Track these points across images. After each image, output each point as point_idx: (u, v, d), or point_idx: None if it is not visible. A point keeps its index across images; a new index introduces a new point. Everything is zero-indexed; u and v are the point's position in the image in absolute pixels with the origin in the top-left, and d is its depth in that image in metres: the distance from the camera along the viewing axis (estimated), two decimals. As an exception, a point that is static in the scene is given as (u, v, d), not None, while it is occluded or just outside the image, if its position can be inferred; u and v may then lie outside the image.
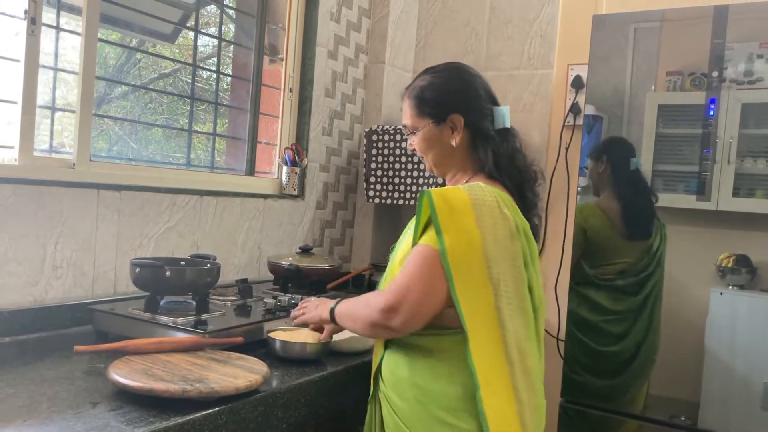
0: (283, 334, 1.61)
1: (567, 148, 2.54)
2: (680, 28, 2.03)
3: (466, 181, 1.42)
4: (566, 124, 2.55)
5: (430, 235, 1.28)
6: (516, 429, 1.26)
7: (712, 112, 1.94)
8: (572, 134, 2.53)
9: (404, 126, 1.51)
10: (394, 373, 1.37)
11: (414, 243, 1.32)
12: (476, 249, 1.24)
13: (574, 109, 2.51)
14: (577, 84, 2.50)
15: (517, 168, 1.43)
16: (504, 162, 1.41)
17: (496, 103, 1.47)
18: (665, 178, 2.04)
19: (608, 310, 2.10)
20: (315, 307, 1.56)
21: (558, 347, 2.49)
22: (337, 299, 1.49)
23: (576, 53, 2.52)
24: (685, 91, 2.00)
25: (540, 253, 2.62)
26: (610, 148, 2.11)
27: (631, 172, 2.09)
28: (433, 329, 1.31)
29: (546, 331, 2.54)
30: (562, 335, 2.42)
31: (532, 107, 2.67)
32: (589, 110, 2.14)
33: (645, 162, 2.04)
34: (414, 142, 1.49)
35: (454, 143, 1.43)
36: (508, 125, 1.46)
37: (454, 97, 1.44)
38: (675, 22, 2.03)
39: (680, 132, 2.05)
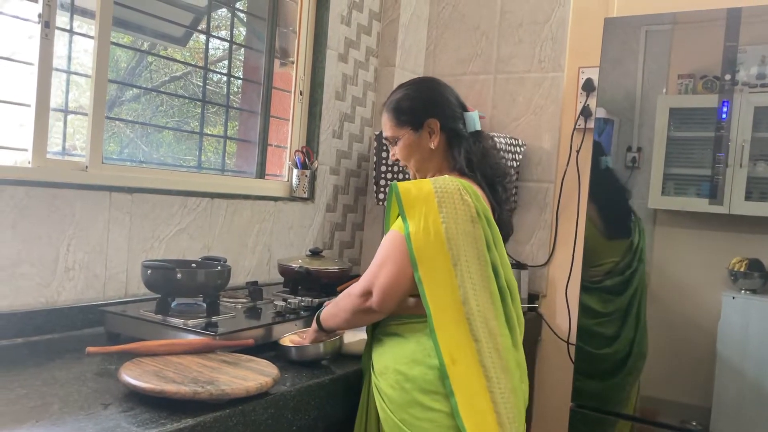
0: (292, 337, 1.62)
1: (578, 151, 2.53)
2: (692, 31, 2.02)
3: None
4: (577, 127, 2.54)
5: (398, 223, 1.41)
6: (486, 405, 1.31)
7: (724, 116, 1.93)
8: (583, 137, 2.52)
9: (385, 138, 1.63)
10: (380, 361, 1.46)
11: (385, 233, 1.45)
12: (437, 232, 1.35)
13: (585, 112, 2.50)
14: (588, 87, 2.49)
15: (489, 165, 1.56)
16: (477, 159, 1.54)
17: (465, 109, 1.61)
18: (677, 182, 2.03)
19: (599, 313, 2.10)
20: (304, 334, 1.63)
21: (569, 351, 2.48)
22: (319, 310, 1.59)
23: (587, 56, 2.51)
24: (696, 94, 1.99)
25: (552, 254, 2.61)
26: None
27: (602, 171, 2.09)
28: (409, 317, 1.43)
29: (555, 334, 2.55)
30: (573, 339, 2.41)
31: (543, 110, 2.66)
32: (600, 113, 2.13)
33: (656, 165, 2.03)
34: (396, 152, 1.61)
35: (432, 146, 1.55)
36: (478, 128, 1.59)
37: (428, 103, 1.57)
38: (686, 25, 2.02)
39: (692, 135, 2.04)
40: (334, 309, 1.52)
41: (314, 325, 1.57)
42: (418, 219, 1.36)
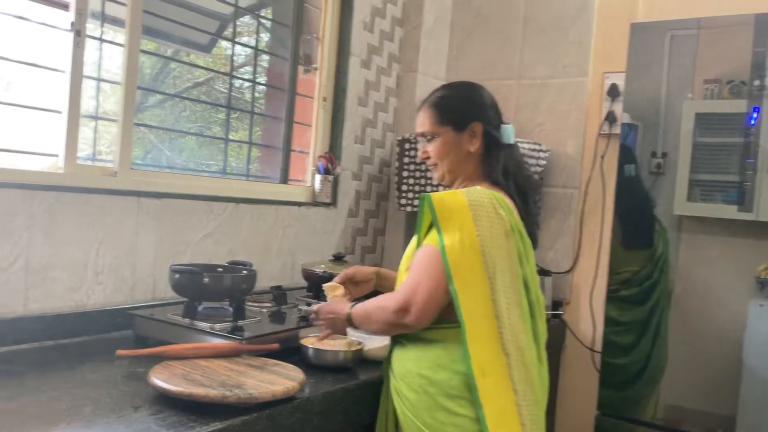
0: (315, 341, 1.63)
1: (602, 157, 2.51)
2: (718, 36, 2.00)
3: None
4: (601, 132, 2.52)
5: (432, 236, 1.40)
6: (513, 418, 1.32)
7: (753, 121, 1.91)
8: (608, 143, 2.50)
9: (421, 134, 1.59)
10: (402, 365, 1.46)
11: (418, 245, 1.44)
12: (473, 246, 1.34)
13: (610, 118, 2.49)
14: (613, 92, 2.47)
15: (523, 177, 1.56)
16: (512, 170, 1.54)
17: (502, 120, 1.60)
18: (703, 188, 2.02)
19: (615, 321, 2.08)
20: (333, 318, 1.58)
21: (593, 359, 2.46)
22: (351, 303, 1.55)
23: (612, 61, 2.50)
24: (722, 99, 1.97)
25: (576, 261, 2.60)
26: None
27: (626, 179, 2.07)
28: (437, 322, 1.40)
29: (580, 341, 2.53)
30: (597, 346, 2.39)
31: (567, 116, 2.65)
32: (624, 119, 2.12)
33: (682, 171, 2.01)
34: (430, 149, 1.57)
35: (472, 149, 1.53)
36: (512, 142, 1.58)
37: (475, 106, 1.56)
38: (712, 30, 2.00)
39: (719, 141, 2.02)
40: (368, 316, 1.49)
41: (344, 317, 1.54)
42: (453, 232, 1.35)
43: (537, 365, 1.41)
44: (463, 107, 1.56)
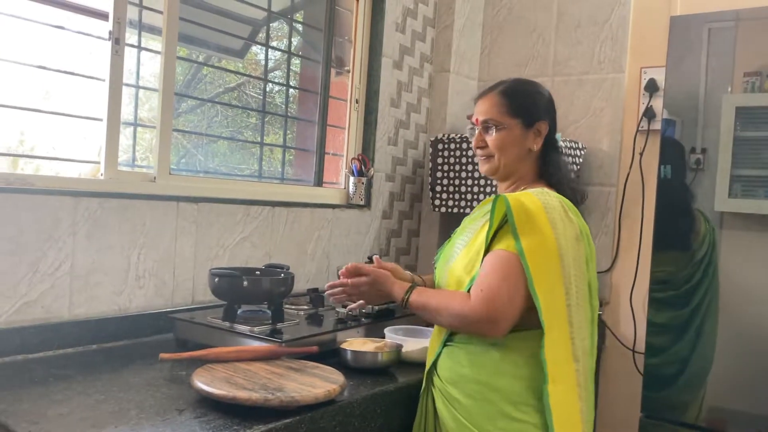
0: (353, 343, 1.62)
1: (641, 154, 2.46)
2: (758, 28, 1.95)
3: (524, 189, 1.47)
4: (640, 129, 2.47)
5: (506, 241, 1.33)
6: (577, 425, 1.32)
7: (799, 114, 1.85)
8: (646, 139, 2.45)
9: (485, 122, 1.50)
10: (454, 370, 1.41)
11: (487, 248, 1.37)
12: (551, 249, 1.31)
13: (649, 114, 2.44)
14: (651, 87, 2.42)
15: (576, 182, 1.56)
16: (566, 176, 1.53)
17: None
18: (744, 183, 1.96)
19: (650, 322, 2.03)
20: (374, 291, 1.52)
21: (634, 360, 2.41)
22: (409, 287, 1.48)
23: (649, 56, 2.45)
24: (764, 92, 1.92)
25: (615, 260, 2.56)
26: None
27: (662, 180, 2.02)
28: None
29: (621, 342, 2.48)
30: (640, 347, 2.35)
31: (602, 112, 2.61)
32: (662, 115, 2.08)
33: (722, 167, 1.96)
34: (490, 139, 1.50)
35: (535, 147, 1.49)
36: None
37: (545, 106, 1.53)
38: (751, 22, 1.95)
39: (761, 135, 1.96)
40: (435, 309, 1.41)
41: (388, 287, 1.49)
42: (531, 235, 1.31)
43: (593, 369, 1.41)
44: (537, 104, 1.51)
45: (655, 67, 2.40)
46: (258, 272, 1.86)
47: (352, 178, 2.54)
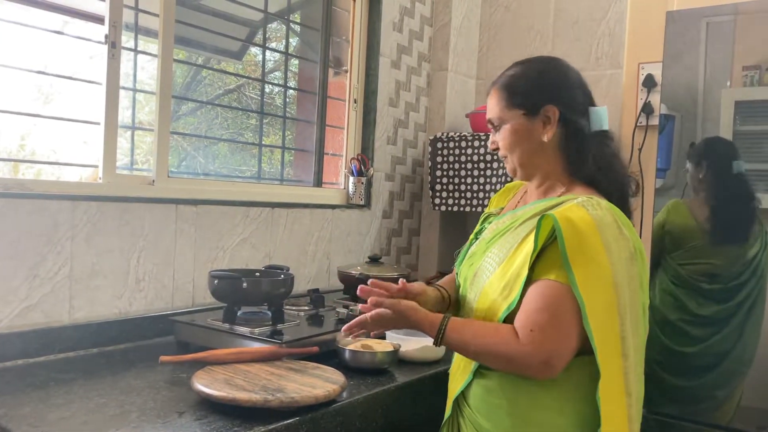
0: (352, 343, 1.63)
1: (640, 149, 2.46)
2: (756, 21, 1.94)
3: (564, 192, 1.30)
4: (638, 124, 2.47)
5: (555, 271, 1.17)
6: None
7: (799, 107, 1.84)
8: (645, 135, 2.45)
9: (489, 121, 1.37)
10: (486, 400, 1.28)
11: (529, 273, 1.19)
12: (606, 277, 1.15)
13: (647, 109, 2.43)
14: (649, 83, 2.42)
15: (615, 176, 1.29)
16: (605, 167, 1.28)
17: (592, 101, 1.33)
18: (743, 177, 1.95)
19: (689, 311, 2.01)
20: (399, 326, 1.33)
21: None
22: (440, 322, 1.26)
23: (646, 51, 2.44)
24: (763, 85, 1.91)
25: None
26: (708, 151, 2.01)
27: (733, 175, 1.99)
28: None
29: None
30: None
31: (601, 109, 2.60)
32: (660, 110, 2.07)
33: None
34: (499, 138, 1.35)
35: (546, 138, 1.29)
36: (606, 128, 1.31)
37: (550, 86, 1.30)
38: (749, 15, 1.95)
39: (760, 129, 1.96)
40: (480, 350, 1.23)
41: (427, 331, 1.28)
42: (585, 264, 1.14)
43: (642, 393, 1.27)
44: (536, 87, 1.30)
45: (653, 62, 2.39)
46: (258, 274, 1.86)
47: (351, 178, 2.54)
